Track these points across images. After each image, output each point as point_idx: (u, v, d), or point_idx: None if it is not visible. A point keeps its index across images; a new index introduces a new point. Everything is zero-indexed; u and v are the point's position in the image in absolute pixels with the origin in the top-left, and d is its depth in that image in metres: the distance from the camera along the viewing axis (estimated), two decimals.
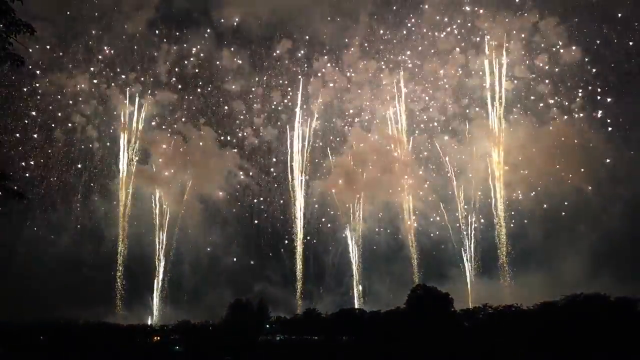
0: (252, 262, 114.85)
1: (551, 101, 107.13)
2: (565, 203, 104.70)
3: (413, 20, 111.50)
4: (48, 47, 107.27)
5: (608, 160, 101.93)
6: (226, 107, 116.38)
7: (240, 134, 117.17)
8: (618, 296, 74.36)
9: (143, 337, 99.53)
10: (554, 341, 70.94)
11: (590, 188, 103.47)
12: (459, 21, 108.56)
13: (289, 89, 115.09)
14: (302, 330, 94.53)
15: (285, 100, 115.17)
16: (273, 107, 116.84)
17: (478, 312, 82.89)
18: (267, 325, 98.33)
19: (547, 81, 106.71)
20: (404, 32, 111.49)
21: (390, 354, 78.79)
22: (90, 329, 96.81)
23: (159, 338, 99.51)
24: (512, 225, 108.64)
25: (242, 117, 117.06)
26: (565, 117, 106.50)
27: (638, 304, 73.22)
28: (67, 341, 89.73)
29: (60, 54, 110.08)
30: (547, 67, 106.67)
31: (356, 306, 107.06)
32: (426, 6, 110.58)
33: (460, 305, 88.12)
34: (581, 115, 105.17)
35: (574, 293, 76.53)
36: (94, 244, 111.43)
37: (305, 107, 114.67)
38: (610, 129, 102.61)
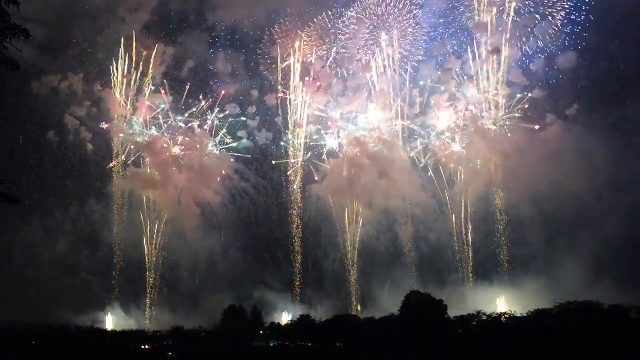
0: (250, 268, 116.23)
1: (548, 106, 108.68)
2: (565, 209, 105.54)
3: (409, 24, 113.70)
4: (39, 48, 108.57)
5: (607, 166, 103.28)
6: (220, 110, 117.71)
7: (235, 137, 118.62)
8: (612, 304, 76.34)
9: (136, 343, 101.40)
10: (546, 349, 72.56)
11: (589, 194, 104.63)
12: (455, 25, 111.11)
13: (284, 91, 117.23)
14: (296, 337, 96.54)
15: (280, 103, 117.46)
16: (267, 109, 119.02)
17: (471, 319, 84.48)
18: (261, 331, 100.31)
19: (543, 86, 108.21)
20: (401, 35, 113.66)
21: None
22: (82, 335, 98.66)
23: (149, 346, 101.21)
24: (510, 231, 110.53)
25: (237, 120, 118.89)
26: (563, 122, 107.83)
27: (632, 311, 75.07)
28: (58, 346, 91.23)
29: (54, 55, 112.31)
30: (543, 72, 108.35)
31: (354, 312, 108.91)
32: (422, 11, 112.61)
33: (462, 311, 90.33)
34: (579, 120, 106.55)
35: (568, 301, 78.70)
36: (90, 248, 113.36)
37: (300, 109, 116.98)
38: (609, 134, 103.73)
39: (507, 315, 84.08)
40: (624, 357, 67.47)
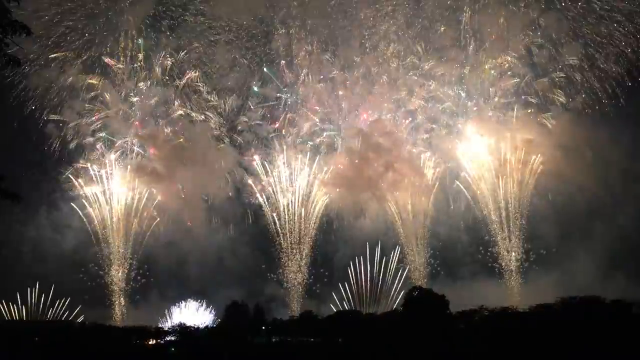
0: (260, 263, 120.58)
1: (554, 98, 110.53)
2: (578, 203, 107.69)
3: (411, 15, 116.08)
4: (38, 42, 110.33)
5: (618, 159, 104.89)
6: (222, 102, 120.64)
7: (237, 131, 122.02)
8: (614, 299, 78.92)
9: (139, 339, 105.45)
10: (548, 343, 75.19)
11: (602, 187, 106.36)
12: (458, 18, 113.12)
13: (285, 84, 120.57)
14: (298, 332, 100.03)
15: (281, 96, 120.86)
16: (269, 102, 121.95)
17: (474, 314, 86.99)
18: (264, 327, 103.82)
19: (548, 77, 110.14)
20: (403, 27, 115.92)
21: (386, 356, 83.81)
22: (86, 331, 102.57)
23: (152, 342, 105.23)
24: (523, 225, 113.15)
25: (239, 113, 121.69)
26: (571, 114, 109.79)
27: (634, 306, 77.58)
28: (62, 343, 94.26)
29: (51, 48, 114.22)
30: (548, 63, 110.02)
31: (363, 307, 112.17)
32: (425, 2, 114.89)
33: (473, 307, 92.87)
34: (588, 111, 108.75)
35: (570, 295, 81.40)
36: (98, 243, 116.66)
37: (302, 103, 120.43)
38: (621, 124, 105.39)
39: (510, 310, 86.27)
40: (625, 352, 69.89)
